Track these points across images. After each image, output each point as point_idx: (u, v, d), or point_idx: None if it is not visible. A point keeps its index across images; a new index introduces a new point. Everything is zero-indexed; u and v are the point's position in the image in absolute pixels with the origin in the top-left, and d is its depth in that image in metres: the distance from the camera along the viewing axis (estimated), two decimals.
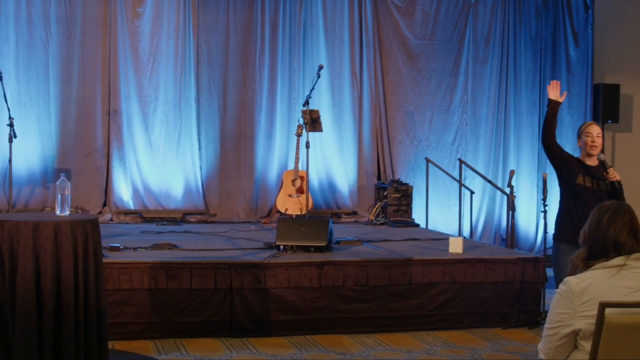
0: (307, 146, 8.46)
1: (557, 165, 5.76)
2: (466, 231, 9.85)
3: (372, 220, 10.09)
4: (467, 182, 10.01)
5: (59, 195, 4.99)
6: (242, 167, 10.19)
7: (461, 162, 9.70)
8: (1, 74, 8.43)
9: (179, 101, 9.95)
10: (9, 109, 8.50)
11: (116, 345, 6.02)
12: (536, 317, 7.03)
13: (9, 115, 8.47)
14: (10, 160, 8.53)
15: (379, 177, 10.60)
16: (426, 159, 10.11)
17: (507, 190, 8.35)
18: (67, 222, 4.70)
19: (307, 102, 8.67)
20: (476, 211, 10.50)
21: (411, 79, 10.67)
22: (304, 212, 9.14)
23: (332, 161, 10.46)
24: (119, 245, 6.89)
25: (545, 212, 6.97)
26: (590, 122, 5.85)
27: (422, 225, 9.91)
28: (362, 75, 10.53)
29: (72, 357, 4.62)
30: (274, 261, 6.59)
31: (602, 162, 5.62)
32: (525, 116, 11.00)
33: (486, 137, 10.87)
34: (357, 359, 5.94)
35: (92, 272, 4.76)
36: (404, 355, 6.06)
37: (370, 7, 10.51)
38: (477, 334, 6.77)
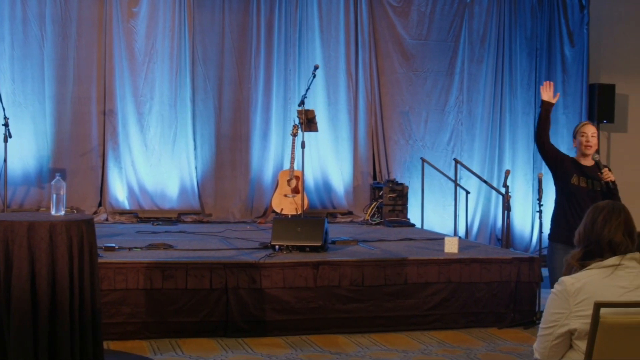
0: (303, 146, 8.45)
1: (551, 165, 5.77)
2: (461, 231, 9.87)
3: (367, 220, 10.09)
4: (462, 182, 10.01)
5: (54, 195, 4.99)
6: (237, 167, 10.18)
7: (457, 162, 9.70)
8: None
9: (175, 101, 9.95)
10: (4, 109, 8.49)
11: (111, 345, 6.01)
12: (531, 317, 7.04)
13: (4, 115, 8.46)
14: (5, 160, 8.53)
15: (375, 177, 10.60)
16: (422, 158, 10.11)
17: (503, 190, 8.35)
18: (62, 222, 4.69)
19: (302, 102, 8.66)
20: (471, 211, 10.51)
21: (407, 79, 10.67)
22: (299, 212, 9.14)
23: (328, 161, 10.46)
24: (114, 245, 6.88)
25: (540, 212, 6.98)
26: (585, 122, 5.86)
27: (418, 225, 9.91)
28: (357, 75, 10.53)
29: (67, 357, 4.61)
30: (270, 261, 6.59)
31: (597, 162, 5.63)
32: (520, 116, 11.00)
33: (482, 137, 10.88)
34: (353, 359, 5.94)
35: (87, 272, 4.75)
36: (399, 355, 6.06)
37: (365, 7, 10.51)
38: (472, 333, 6.78)
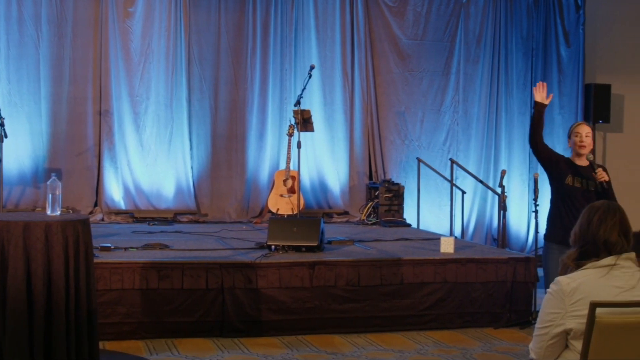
0: (299, 146, 8.45)
1: (546, 165, 5.78)
2: (457, 231, 9.86)
3: (363, 220, 10.09)
4: (458, 182, 10.02)
5: (50, 195, 4.98)
6: (233, 167, 10.17)
7: (452, 162, 9.70)
8: None
9: (170, 101, 9.94)
10: None
11: (107, 345, 6.00)
12: (527, 316, 7.04)
13: (0, 114, 8.44)
14: (0, 160, 8.50)
15: (371, 177, 10.60)
16: (417, 158, 10.11)
17: (499, 190, 8.36)
18: (58, 222, 4.69)
19: (298, 102, 8.66)
20: (467, 211, 10.52)
21: (402, 78, 10.67)
22: (295, 212, 9.13)
23: (324, 161, 10.46)
24: (110, 245, 6.87)
25: (536, 212, 6.99)
26: (579, 122, 5.86)
27: (414, 225, 9.91)
28: (353, 75, 10.53)
29: (63, 357, 4.60)
30: (266, 261, 6.58)
31: (591, 162, 5.63)
32: (516, 116, 11.00)
33: (477, 137, 10.88)
34: (349, 359, 5.94)
35: (83, 272, 4.75)
36: (395, 355, 6.07)
37: (361, 7, 10.51)
38: (468, 333, 6.78)
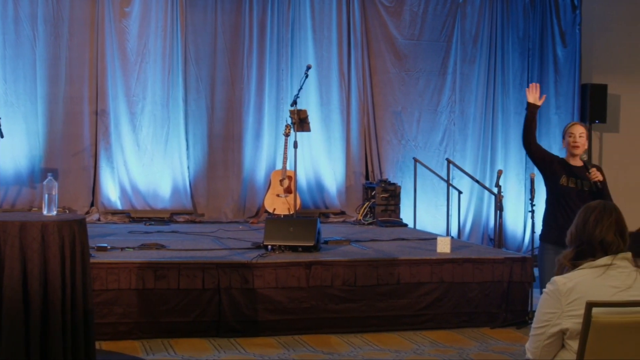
0: (295, 146, 8.45)
1: (540, 166, 5.77)
2: (454, 231, 9.87)
3: (360, 220, 10.09)
4: (455, 182, 10.03)
5: (46, 195, 4.98)
6: (230, 167, 10.17)
7: (449, 162, 9.71)
8: None
9: (167, 101, 9.93)
10: None
11: (104, 345, 6.00)
12: (524, 316, 7.04)
13: None
14: None
15: (367, 177, 10.60)
16: (414, 158, 10.12)
17: (495, 190, 8.37)
18: (54, 222, 4.68)
19: (295, 102, 8.65)
20: (464, 211, 10.51)
21: (399, 78, 10.68)
22: (292, 212, 9.13)
23: (320, 161, 10.45)
24: (106, 245, 6.87)
25: (532, 212, 7.00)
26: (573, 123, 5.85)
27: (410, 225, 9.91)
28: (350, 75, 10.53)
29: (59, 357, 4.60)
30: (262, 261, 6.58)
31: (585, 162, 5.62)
32: (512, 116, 11.00)
33: (474, 137, 10.89)
34: (345, 358, 5.94)
35: (79, 272, 4.74)
36: (392, 355, 6.07)
37: (358, 7, 10.51)
38: (464, 333, 6.78)
